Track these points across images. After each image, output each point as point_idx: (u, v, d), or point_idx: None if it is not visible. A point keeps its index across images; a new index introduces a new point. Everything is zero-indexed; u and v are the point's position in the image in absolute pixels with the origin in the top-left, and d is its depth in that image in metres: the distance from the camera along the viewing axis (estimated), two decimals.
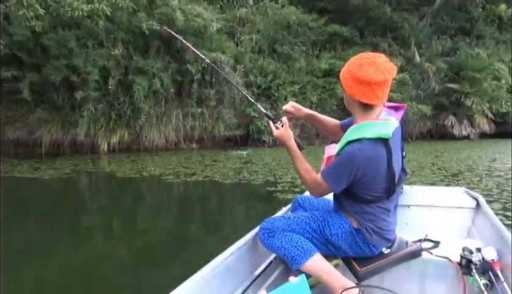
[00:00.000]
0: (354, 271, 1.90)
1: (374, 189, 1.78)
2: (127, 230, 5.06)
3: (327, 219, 1.88)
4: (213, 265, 1.69)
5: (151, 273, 3.41)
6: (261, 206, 6.10)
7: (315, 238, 1.87)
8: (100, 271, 3.62)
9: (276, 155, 11.82)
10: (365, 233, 1.82)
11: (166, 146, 14.10)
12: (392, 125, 1.77)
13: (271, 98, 16.70)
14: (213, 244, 4.25)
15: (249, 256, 1.99)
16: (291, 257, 1.81)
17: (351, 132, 1.77)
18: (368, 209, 1.82)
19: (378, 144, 1.72)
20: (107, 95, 13.00)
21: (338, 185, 1.77)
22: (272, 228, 1.87)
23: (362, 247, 1.85)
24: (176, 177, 8.19)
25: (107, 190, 7.96)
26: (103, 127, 13.03)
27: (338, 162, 1.75)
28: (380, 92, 1.69)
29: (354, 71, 1.69)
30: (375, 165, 1.72)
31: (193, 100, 14.60)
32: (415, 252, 1.98)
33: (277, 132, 1.93)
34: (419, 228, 2.58)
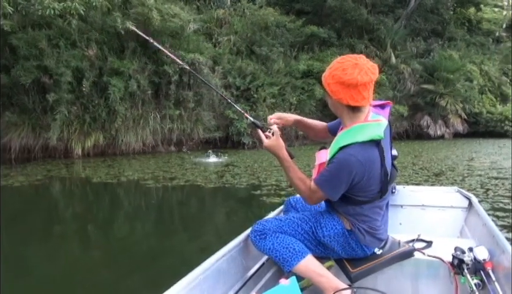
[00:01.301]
0: (346, 272, 1.89)
1: (368, 191, 1.76)
2: (105, 239, 4.79)
3: (319, 220, 1.86)
4: (204, 267, 1.66)
5: (130, 281, 3.20)
6: (246, 210, 5.93)
7: (307, 240, 1.85)
8: (76, 280, 3.44)
9: (258, 158, 11.66)
10: (358, 233, 1.80)
11: (143, 150, 13.71)
12: (382, 124, 1.75)
13: (249, 100, 16.55)
14: (195, 251, 4.07)
15: (241, 258, 1.96)
16: (283, 259, 1.79)
17: (342, 137, 1.74)
18: (360, 210, 1.80)
19: (371, 147, 1.70)
20: (81, 98, 12.53)
21: (335, 193, 1.75)
22: (263, 229, 1.85)
23: (354, 248, 1.84)
24: (155, 181, 7.89)
25: (82, 197, 7.57)
26: (77, 131, 12.54)
27: (332, 169, 1.71)
28: (366, 93, 1.68)
29: (339, 75, 1.67)
30: (370, 168, 1.70)
31: (170, 101, 14.27)
32: (407, 252, 1.98)
33: (268, 142, 1.86)
34: (412, 227, 2.59)
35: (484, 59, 24.36)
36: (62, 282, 3.38)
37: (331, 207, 1.91)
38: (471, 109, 20.96)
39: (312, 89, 17.83)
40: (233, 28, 17.78)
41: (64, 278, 3.45)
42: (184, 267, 1.68)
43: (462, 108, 20.42)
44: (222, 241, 1.93)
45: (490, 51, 26.11)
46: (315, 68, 18.38)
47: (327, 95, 1.78)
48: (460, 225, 2.74)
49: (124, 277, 3.38)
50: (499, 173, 8.17)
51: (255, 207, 5.78)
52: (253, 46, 17.93)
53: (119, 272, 3.56)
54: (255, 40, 17.95)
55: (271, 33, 18.59)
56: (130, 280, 3.26)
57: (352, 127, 1.73)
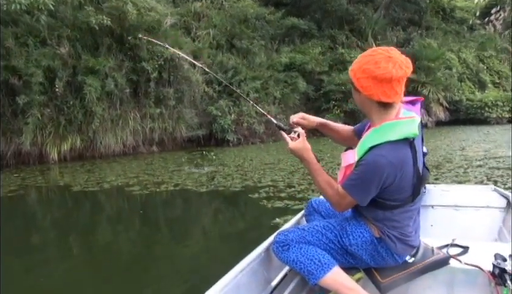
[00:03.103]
0: (376, 282, 1.78)
1: (399, 194, 1.63)
2: (91, 255, 4.29)
3: (345, 228, 1.75)
4: (224, 282, 1.56)
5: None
6: (249, 218, 5.42)
7: (333, 249, 1.74)
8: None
9: (245, 155, 11.22)
10: (388, 241, 1.69)
11: (124, 151, 13.04)
12: (416, 121, 1.64)
13: (232, 95, 16.03)
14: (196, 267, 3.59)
15: (262, 271, 1.87)
16: (308, 271, 1.69)
17: (371, 136, 1.62)
18: (391, 215, 1.68)
19: (403, 146, 1.59)
20: (54, 99, 11.77)
21: (364, 198, 1.63)
22: (286, 240, 1.75)
23: (385, 257, 1.72)
24: (142, 187, 7.33)
25: (62, 208, 6.91)
26: (52, 134, 11.77)
27: (361, 172, 1.59)
28: (399, 88, 1.57)
29: (371, 69, 1.55)
30: (402, 169, 1.57)
31: (150, 100, 13.63)
32: (442, 260, 1.84)
33: (293, 145, 1.74)
34: (445, 230, 2.46)
35: (461, 47, 24.58)
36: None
37: (357, 213, 1.78)
38: (451, 97, 21.09)
39: (295, 82, 17.48)
40: (212, 21, 17.20)
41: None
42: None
43: (443, 96, 20.51)
44: (230, 255, 1.84)
45: (466, 39, 26.39)
46: (297, 61, 18.04)
47: (355, 91, 1.65)
48: (497, 227, 2.60)
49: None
50: (498, 162, 7.98)
51: (257, 214, 5.31)
52: (233, 39, 17.42)
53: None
54: (235, 33, 17.44)
55: (251, 26, 18.13)
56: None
57: (382, 125, 1.61)
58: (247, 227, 4.99)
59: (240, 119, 15.63)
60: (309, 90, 17.94)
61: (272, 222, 4.60)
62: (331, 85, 17.90)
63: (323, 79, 18.30)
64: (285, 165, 9.12)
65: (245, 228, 4.94)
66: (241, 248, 3.93)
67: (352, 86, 1.65)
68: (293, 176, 7.55)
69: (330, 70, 18.66)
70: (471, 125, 19.94)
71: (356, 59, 1.64)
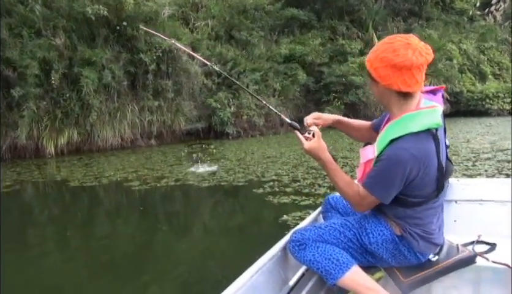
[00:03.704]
0: (397, 282, 1.70)
1: (423, 190, 1.55)
2: (91, 257, 4.08)
3: (364, 226, 1.68)
4: (240, 282, 1.50)
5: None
6: (256, 217, 5.16)
7: (352, 248, 1.68)
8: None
9: (246, 149, 11.01)
10: (410, 239, 1.61)
11: (122, 145, 12.81)
12: (438, 111, 1.57)
13: (232, 87, 15.78)
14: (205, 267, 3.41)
15: (278, 270, 1.80)
16: (326, 271, 1.64)
17: (391, 129, 1.54)
18: (413, 212, 1.59)
19: (426, 138, 1.51)
20: (50, 91, 11.52)
21: (387, 196, 1.55)
22: (302, 239, 1.69)
23: (407, 256, 1.65)
24: (142, 182, 7.12)
25: (60, 205, 6.70)
26: (48, 127, 11.53)
27: (382, 168, 1.51)
28: (419, 76, 1.51)
29: (390, 57, 1.48)
30: (425, 163, 1.49)
31: (148, 92, 13.38)
32: (468, 258, 1.74)
33: (309, 145, 1.66)
34: (469, 226, 2.34)
35: (461, 38, 24.34)
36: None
37: (377, 211, 1.68)
38: (452, 89, 20.87)
39: (295, 73, 17.23)
40: (210, 12, 16.89)
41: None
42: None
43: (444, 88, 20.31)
44: (237, 253, 1.82)
45: (466, 30, 26.16)
46: (297, 52, 17.77)
47: (372, 82, 1.58)
48: None
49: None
50: (506, 155, 7.81)
51: (264, 210, 5.13)
52: (232, 30, 17.13)
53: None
54: (234, 24, 17.14)
55: (250, 16, 17.82)
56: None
57: (403, 117, 1.53)
58: (255, 224, 4.79)
59: (240, 111, 15.40)
60: (309, 82, 17.70)
61: (280, 218, 4.42)
62: (332, 77, 17.66)
63: (323, 70, 18.04)
64: (287, 158, 8.93)
65: (253, 226, 4.74)
66: (250, 246, 3.77)
67: (369, 77, 1.59)
68: (297, 170, 7.36)
69: (330, 62, 18.40)
70: (472, 117, 19.78)
71: (373, 49, 1.58)
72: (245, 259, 1.72)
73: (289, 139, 14.17)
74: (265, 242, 1.89)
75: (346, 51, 18.58)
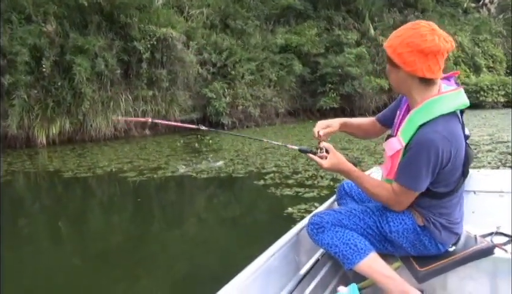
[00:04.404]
0: (413, 271, 1.68)
1: (451, 178, 1.52)
2: (84, 244, 3.93)
3: (385, 214, 1.65)
4: (254, 267, 1.52)
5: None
6: (260, 210, 4.99)
7: (371, 235, 1.66)
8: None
9: (243, 139, 10.83)
10: (433, 229, 1.59)
11: (115, 135, 12.59)
12: (463, 93, 1.55)
13: (227, 77, 15.58)
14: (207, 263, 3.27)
15: (293, 255, 1.81)
16: (343, 256, 1.62)
17: (417, 115, 1.50)
18: (437, 202, 1.57)
19: (453, 120, 1.49)
20: (41, 79, 11.23)
21: (420, 184, 1.50)
22: (321, 222, 1.67)
23: (427, 246, 1.63)
24: (138, 173, 6.93)
25: (53, 197, 6.48)
26: (39, 117, 11.27)
27: (414, 156, 1.48)
28: (442, 63, 1.48)
29: (417, 42, 1.44)
30: (456, 144, 1.47)
31: (142, 81, 13.12)
32: (486, 249, 1.71)
33: (328, 163, 1.62)
34: (488, 217, 2.26)
35: (456, 30, 24.27)
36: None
37: None
38: None
39: (290, 64, 17.03)
40: (205, 0, 16.55)
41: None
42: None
43: None
44: (249, 250, 1.79)
45: (461, 22, 26.12)
46: (293, 42, 17.55)
47: (392, 68, 1.53)
48: None
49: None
50: (507, 147, 7.75)
51: (267, 202, 4.97)
52: (228, 19, 16.84)
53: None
54: (229, 13, 16.85)
55: (245, 5, 17.56)
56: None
57: (428, 102, 1.49)
58: (261, 217, 4.62)
59: (236, 101, 15.19)
60: (305, 73, 17.52)
61: (285, 211, 4.28)
62: (328, 67, 17.50)
63: (319, 61, 17.87)
64: (286, 149, 8.77)
65: (260, 218, 4.57)
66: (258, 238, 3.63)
67: (389, 64, 1.53)
68: (297, 162, 7.22)
69: (326, 52, 18.23)
70: (466, 109, 19.72)
71: (394, 34, 1.52)
72: (254, 251, 1.64)
73: (285, 130, 14.04)
74: (273, 234, 1.85)
75: (343, 42, 18.42)
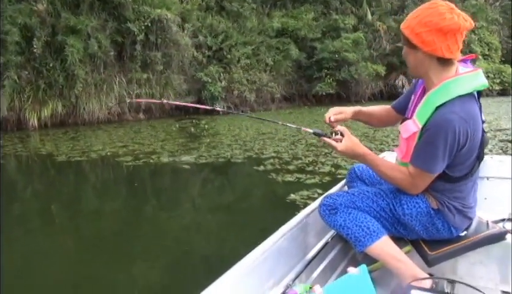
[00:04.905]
0: (423, 255, 1.67)
1: (467, 161, 1.50)
2: (78, 229, 3.84)
3: (398, 196, 1.63)
4: (263, 248, 1.52)
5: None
6: (262, 194, 4.85)
7: (383, 217, 1.65)
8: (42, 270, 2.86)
9: (239, 124, 10.69)
10: (447, 213, 1.58)
11: (108, 118, 12.37)
12: (481, 73, 1.50)
13: (222, 61, 15.36)
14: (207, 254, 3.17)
15: (302, 237, 1.82)
16: (355, 237, 1.62)
17: (434, 96, 1.47)
18: (452, 186, 1.55)
19: (471, 101, 1.46)
20: (32, 60, 10.93)
21: (437, 166, 1.47)
22: (334, 204, 1.66)
23: (440, 230, 1.61)
24: (134, 158, 6.77)
25: (47, 182, 6.26)
26: (31, 99, 11.00)
27: (431, 137, 1.45)
28: (461, 42, 1.45)
29: (436, 21, 1.41)
30: (473, 127, 1.44)
31: (136, 64, 12.85)
32: (498, 234, 1.70)
33: (343, 146, 1.59)
34: (500, 203, 2.25)
35: None
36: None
37: None
38: None
39: (287, 48, 16.84)
40: None
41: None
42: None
43: None
44: (254, 235, 1.81)
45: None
46: (289, 26, 17.33)
47: (410, 49, 1.49)
48: None
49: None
50: (506, 135, 7.72)
51: (269, 188, 4.85)
52: (223, 1, 16.53)
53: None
54: None
55: None
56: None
57: (445, 83, 1.46)
58: (264, 203, 4.47)
59: (231, 86, 15.01)
60: (301, 58, 17.32)
61: (287, 197, 4.18)
62: (324, 53, 17.32)
63: (315, 46, 17.68)
64: (284, 135, 8.67)
65: (262, 204, 4.43)
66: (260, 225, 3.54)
67: (407, 45, 1.49)
68: (296, 147, 7.12)
69: (323, 37, 18.03)
70: None
71: (411, 15, 1.47)
72: (258, 237, 1.61)
73: (282, 115, 13.90)
74: (277, 220, 1.81)
75: (340, 27, 18.21)
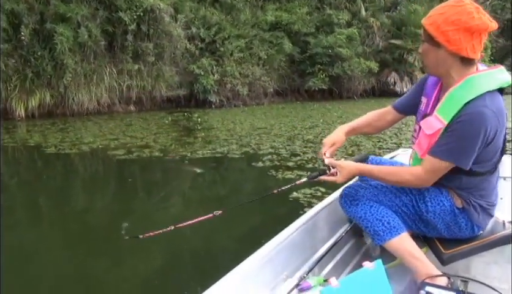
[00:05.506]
0: (438, 253, 1.67)
1: (491, 158, 1.51)
2: (67, 222, 3.65)
3: (423, 193, 1.62)
4: (277, 241, 1.55)
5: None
6: (262, 192, 4.74)
7: (405, 213, 1.65)
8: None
9: (233, 119, 10.53)
10: (472, 212, 1.57)
11: (98, 110, 12.07)
12: (504, 70, 1.52)
13: (215, 54, 15.11)
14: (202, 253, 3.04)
15: (316, 231, 1.83)
16: (374, 231, 1.62)
17: (459, 91, 1.44)
18: (477, 183, 1.55)
19: (498, 97, 1.46)
20: (20, 48, 10.58)
21: (468, 160, 1.46)
22: (356, 195, 1.67)
23: (462, 228, 1.60)
24: (127, 152, 6.57)
25: (36, 175, 6.01)
26: (18, 88, 10.65)
27: (462, 131, 1.43)
28: (483, 43, 1.44)
29: (465, 20, 1.38)
30: (501, 122, 1.44)
31: (128, 55, 12.55)
32: None
33: (341, 177, 1.61)
34: None
35: None
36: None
37: (437, 182, 1.58)
38: None
39: (280, 42, 16.65)
40: None
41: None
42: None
43: None
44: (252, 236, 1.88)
45: None
46: (283, 20, 17.12)
47: (432, 47, 1.46)
48: None
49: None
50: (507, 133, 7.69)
51: (270, 185, 4.73)
52: None
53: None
54: None
55: None
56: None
57: (469, 77, 1.45)
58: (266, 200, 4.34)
59: (224, 79, 14.79)
60: (294, 52, 17.17)
61: (290, 196, 4.05)
62: (318, 48, 17.18)
63: (309, 41, 17.52)
64: (279, 130, 8.53)
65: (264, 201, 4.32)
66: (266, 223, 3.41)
67: (429, 42, 1.45)
68: (293, 143, 6.99)
69: (317, 32, 17.88)
70: None
71: (436, 11, 1.44)
72: (262, 235, 1.61)
73: (275, 110, 13.77)
74: (282, 218, 1.85)
75: (334, 22, 18.08)
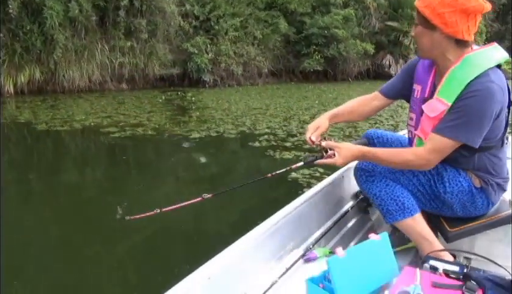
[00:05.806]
0: (443, 231, 1.70)
1: (500, 132, 1.51)
2: (59, 199, 3.59)
3: (441, 173, 1.59)
4: (284, 212, 1.57)
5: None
6: (265, 172, 4.65)
7: (420, 192, 1.63)
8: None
9: (228, 98, 10.40)
10: (490, 191, 1.58)
11: (89, 87, 11.82)
12: (500, 47, 1.52)
13: (210, 32, 14.82)
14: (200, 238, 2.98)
15: (323, 204, 1.85)
16: (387, 210, 1.62)
17: (459, 71, 1.43)
18: (491, 160, 1.55)
19: (500, 72, 1.46)
20: (7, 22, 10.22)
21: (476, 137, 1.44)
22: (373, 171, 1.63)
23: (478, 207, 1.61)
24: (120, 129, 6.43)
25: (27, 152, 5.87)
26: (6, 63, 10.35)
27: (470, 107, 1.40)
28: (478, 25, 1.45)
29: (461, 1, 1.38)
30: (506, 96, 1.46)
31: (120, 31, 12.23)
32: None
33: (340, 158, 1.53)
34: None
35: None
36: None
37: (455, 163, 1.58)
38: None
39: (276, 22, 16.36)
40: None
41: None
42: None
43: None
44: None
45: None
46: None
47: (426, 30, 1.45)
48: None
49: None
50: None
51: (270, 166, 4.65)
52: None
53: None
54: None
55: None
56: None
57: (467, 56, 1.45)
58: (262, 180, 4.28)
59: (218, 58, 14.54)
60: (290, 33, 16.91)
61: (289, 176, 3.99)
62: (314, 28, 16.93)
63: (305, 21, 17.25)
64: (275, 110, 8.44)
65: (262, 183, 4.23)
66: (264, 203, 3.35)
67: (424, 25, 1.43)
68: (289, 124, 6.91)
69: (313, 12, 17.60)
70: None
71: None
72: (257, 217, 1.59)
73: (269, 91, 13.63)
74: (280, 200, 1.78)
75: (330, 2, 17.80)
